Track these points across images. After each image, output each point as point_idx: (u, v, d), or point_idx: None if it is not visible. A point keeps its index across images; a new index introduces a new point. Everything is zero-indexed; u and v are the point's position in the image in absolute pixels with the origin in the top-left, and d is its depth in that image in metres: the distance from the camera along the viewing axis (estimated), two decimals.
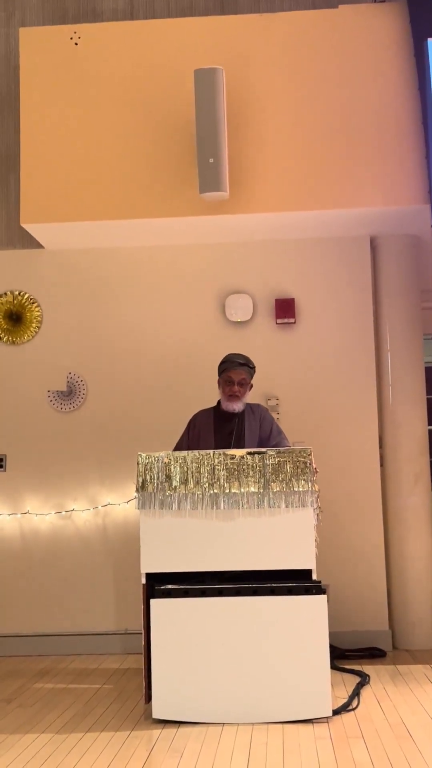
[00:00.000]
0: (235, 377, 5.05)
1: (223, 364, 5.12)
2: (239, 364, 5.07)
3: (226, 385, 5.07)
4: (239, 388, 5.04)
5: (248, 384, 5.10)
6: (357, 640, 5.83)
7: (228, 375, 5.07)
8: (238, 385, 5.04)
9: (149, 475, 4.57)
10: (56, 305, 6.33)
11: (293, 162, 5.65)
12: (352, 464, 6.05)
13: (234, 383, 5.04)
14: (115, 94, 5.79)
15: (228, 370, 5.07)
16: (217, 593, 4.46)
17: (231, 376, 5.06)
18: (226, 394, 5.06)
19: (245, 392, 5.09)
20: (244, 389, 5.08)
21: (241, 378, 5.05)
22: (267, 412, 5.23)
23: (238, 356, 5.14)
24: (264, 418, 5.16)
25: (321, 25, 5.74)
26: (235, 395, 5.04)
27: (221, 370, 5.12)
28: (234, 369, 5.06)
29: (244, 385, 5.07)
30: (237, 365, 5.07)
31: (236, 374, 5.05)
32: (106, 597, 6.10)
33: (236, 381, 5.04)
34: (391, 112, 5.66)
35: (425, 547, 5.97)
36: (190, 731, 4.26)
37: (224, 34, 5.76)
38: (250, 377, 5.12)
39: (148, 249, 6.30)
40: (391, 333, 6.13)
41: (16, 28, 6.43)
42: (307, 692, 4.36)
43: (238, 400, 5.05)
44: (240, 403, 5.06)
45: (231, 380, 5.05)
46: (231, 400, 5.05)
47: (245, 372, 5.07)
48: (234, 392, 5.04)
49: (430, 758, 3.77)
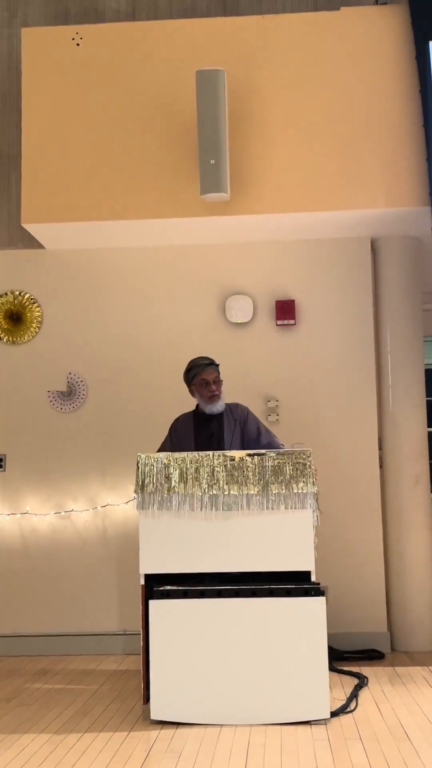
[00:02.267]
0: (208, 377, 5.08)
1: (191, 370, 5.13)
2: (206, 364, 5.11)
3: (202, 387, 5.09)
4: (216, 386, 5.09)
5: (221, 381, 5.15)
6: (355, 642, 5.83)
7: (201, 378, 5.08)
8: (214, 384, 5.08)
9: (149, 476, 4.57)
10: (57, 305, 6.33)
11: (294, 163, 5.66)
12: (351, 466, 6.06)
13: (210, 383, 5.08)
14: (117, 95, 5.79)
15: (199, 374, 5.08)
16: (216, 594, 4.46)
17: (204, 377, 5.08)
18: (206, 396, 5.08)
19: (221, 390, 5.13)
20: (220, 387, 5.12)
21: (214, 376, 5.10)
22: (248, 411, 5.24)
23: (202, 358, 5.17)
24: (247, 418, 5.18)
25: (323, 27, 5.74)
26: (215, 394, 5.08)
27: (191, 376, 5.12)
28: (204, 370, 5.09)
29: (219, 383, 5.12)
30: (205, 366, 5.10)
31: (208, 374, 5.09)
32: (106, 597, 6.10)
33: (211, 380, 5.08)
34: (392, 114, 5.67)
35: (424, 549, 5.97)
36: (188, 732, 4.26)
37: (226, 35, 5.77)
38: (219, 375, 5.16)
39: (149, 250, 6.31)
40: (392, 335, 6.13)
41: (18, 28, 6.44)
42: (306, 694, 4.36)
43: (218, 399, 5.10)
44: (221, 402, 5.11)
45: (206, 381, 5.08)
46: (212, 400, 5.08)
47: (215, 370, 5.13)
48: (213, 392, 5.07)
49: (428, 760, 3.78)
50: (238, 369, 5.95)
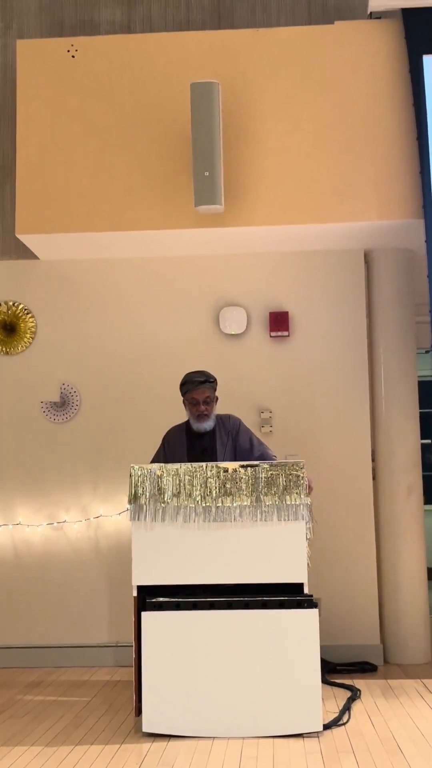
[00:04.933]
0: (199, 397, 5.03)
1: (184, 385, 5.09)
2: (200, 382, 5.04)
3: (192, 406, 5.06)
4: (205, 407, 5.04)
5: (213, 399, 5.10)
6: (348, 654, 5.82)
7: (191, 396, 5.05)
8: (203, 405, 5.03)
9: (142, 487, 4.57)
10: (51, 316, 6.33)
11: (288, 176, 5.68)
12: (344, 477, 6.06)
13: (200, 403, 5.03)
14: (112, 107, 5.81)
15: (190, 392, 5.05)
16: (209, 606, 4.46)
17: (195, 397, 5.04)
18: (194, 414, 5.06)
19: (212, 409, 5.08)
20: (211, 407, 5.07)
21: (205, 397, 5.04)
22: (241, 423, 5.20)
23: (198, 374, 5.10)
24: (240, 430, 5.15)
25: (317, 41, 5.77)
26: (203, 414, 5.04)
27: (184, 392, 5.10)
28: (196, 389, 5.03)
29: (210, 403, 5.06)
30: (198, 384, 5.04)
31: (199, 394, 5.03)
32: (98, 609, 6.08)
33: (201, 401, 5.03)
34: (386, 128, 5.70)
35: (417, 560, 5.97)
36: (180, 745, 4.25)
37: (221, 48, 5.79)
38: (214, 391, 5.11)
39: (143, 261, 6.32)
40: (385, 346, 6.15)
41: (13, 40, 6.46)
42: (298, 706, 4.35)
43: (207, 419, 5.05)
44: (210, 421, 5.07)
45: (196, 401, 5.04)
46: (200, 420, 5.05)
47: (208, 389, 5.06)
48: (201, 412, 5.03)
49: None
50: (232, 380, 5.96)
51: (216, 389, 5.15)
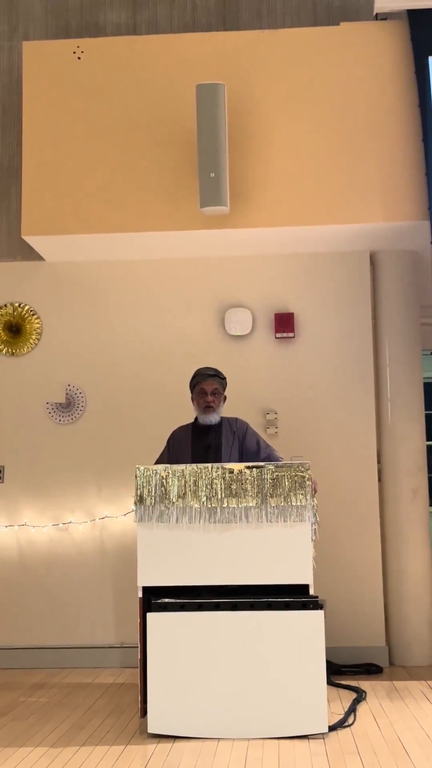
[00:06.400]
0: (207, 388, 5.10)
1: (195, 378, 5.17)
2: (209, 375, 5.13)
3: (200, 397, 5.12)
4: (213, 398, 5.09)
5: (221, 394, 5.16)
6: (354, 656, 5.81)
7: (200, 387, 5.12)
8: (211, 395, 5.09)
9: (147, 488, 4.57)
10: (56, 317, 6.34)
11: (294, 177, 5.68)
12: (350, 479, 6.05)
13: (207, 394, 5.09)
14: (117, 108, 5.82)
15: (200, 383, 5.12)
16: (214, 607, 4.45)
17: (204, 387, 5.11)
18: (201, 406, 5.11)
19: (219, 402, 5.14)
20: (218, 399, 5.13)
21: (213, 388, 5.11)
22: (248, 426, 5.25)
23: (208, 369, 5.20)
24: (246, 432, 5.19)
25: (322, 42, 5.77)
26: (210, 406, 5.09)
27: (193, 384, 5.16)
28: (205, 380, 5.12)
29: (218, 395, 5.13)
30: (207, 377, 5.13)
31: (208, 385, 5.11)
32: (103, 610, 6.08)
33: (209, 391, 5.09)
34: (392, 129, 5.69)
35: (423, 562, 5.96)
36: (185, 746, 4.24)
37: (226, 49, 5.80)
38: (223, 388, 5.17)
39: (149, 262, 6.32)
40: (390, 348, 6.14)
41: (19, 42, 6.47)
42: (304, 708, 4.34)
43: (213, 411, 5.10)
44: (215, 414, 5.11)
45: (204, 391, 5.10)
46: (206, 411, 5.09)
47: (217, 382, 5.14)
48: (208, 402, 5.08)
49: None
50: (237, 382, 5.94)
51: (225, 387, 5.19)
